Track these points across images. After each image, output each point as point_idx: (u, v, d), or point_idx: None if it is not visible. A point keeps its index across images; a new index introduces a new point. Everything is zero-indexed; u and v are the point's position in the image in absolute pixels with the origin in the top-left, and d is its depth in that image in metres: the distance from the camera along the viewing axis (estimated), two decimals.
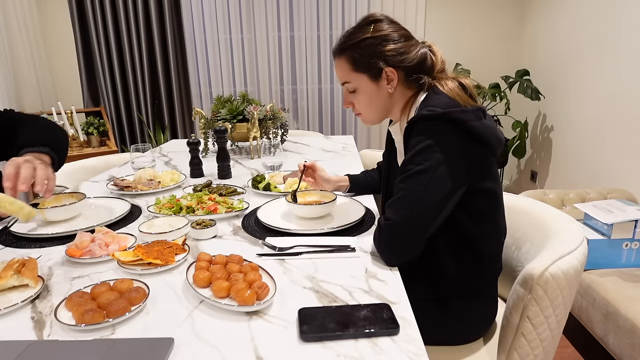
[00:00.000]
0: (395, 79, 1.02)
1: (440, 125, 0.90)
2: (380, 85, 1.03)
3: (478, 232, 0.98)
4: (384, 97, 1.05)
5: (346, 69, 1.05)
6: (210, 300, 0.76)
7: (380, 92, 1.04)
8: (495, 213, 1.02)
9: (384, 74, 1.01)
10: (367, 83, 1.04)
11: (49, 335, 0.70)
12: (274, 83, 3.63)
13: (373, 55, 1.00)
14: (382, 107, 1.07)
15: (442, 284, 1.01)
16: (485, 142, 0.92)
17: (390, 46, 1.00)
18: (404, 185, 0.91)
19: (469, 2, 3.48)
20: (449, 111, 0.89)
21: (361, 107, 1.09)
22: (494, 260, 1.05)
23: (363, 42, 1.01)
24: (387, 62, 1.01)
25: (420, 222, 0.89)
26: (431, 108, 0.92)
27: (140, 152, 1.68)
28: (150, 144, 2.07)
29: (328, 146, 2.29)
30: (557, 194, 2.20)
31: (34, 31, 3.30)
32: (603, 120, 2.54)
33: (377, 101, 1.06)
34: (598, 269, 1.72)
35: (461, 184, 0.91)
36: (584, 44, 2.71)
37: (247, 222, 1.17)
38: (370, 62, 1.01)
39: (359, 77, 1.04)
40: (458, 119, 0.89)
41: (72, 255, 0.94)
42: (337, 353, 0.64)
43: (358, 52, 1.02)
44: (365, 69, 1.02)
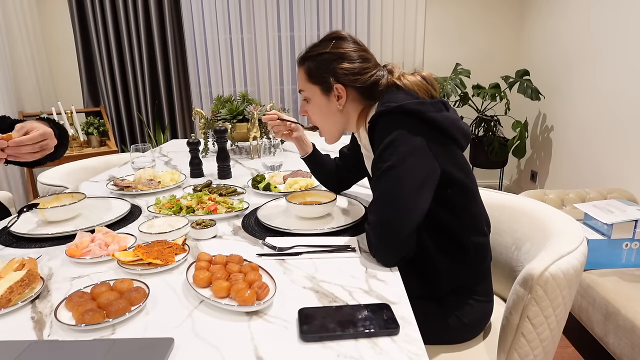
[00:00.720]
0: (344, 97, 1.05)
1: (399, 118, 0.92)
2: (330, 100, 1.07)
3: (458, 226, 0.99)
4: (334, 112, 1.09)
5: (302, 78, 1.09)
6: (210, 300, 0.76)
7: (330, 105, 1.08)
8: (472, 204, 1.02)
9: (335, 90, 1.05)
10: (319, 95, 1.08)
11: (49, 335, 0.70)
12: (274, 83, 3.63)
13: (327, 70, 1.04)
14: (334, 121, 1.11)
15: (433, 281, 1.02)
16: (447, 133, 0.94)
17: (344, 64, 1.03)
18: (377, 185, 0.93)
19: (469, 2, 3.48)
20: (405, 103, 0.92)
21: (314, 118, 1.13)
22: (480, 252, 1.04)
23: (321, 55, 1.05)
24: (338, 79, 1.04)
25: (401, 217, 0.89)
26: (387, 104, 0.95)
27: (140, 152, 1.68)
28: (150, 144, 2.07)
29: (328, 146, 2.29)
30: (557, 194, 2.20)
31: (34, 31, 3.30)
32: (603, 120, 2.54)
33: (327, 114, 1.10)
34: (598, 269, 1.72)
35: (433, 169, 0.92)
36: (584, 44, 2.71)
37: (247, 222, 1.17)
38: (323, 76, 1.05)
39: (312, 88, 1.08)
40: (415, 110, 0.92)
41: (72, 255, 0.94)
42: (337, 353, 0.64)
43: (314, 64, 1.06)
44: (318, 82, 1.06)
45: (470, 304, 1.03)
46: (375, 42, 3.50)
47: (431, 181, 0.92)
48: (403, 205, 0.89)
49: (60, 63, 3.56)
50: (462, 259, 1.01)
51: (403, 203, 0.89)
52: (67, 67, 3.55)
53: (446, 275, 1.01)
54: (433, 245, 0.99)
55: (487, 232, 1.06)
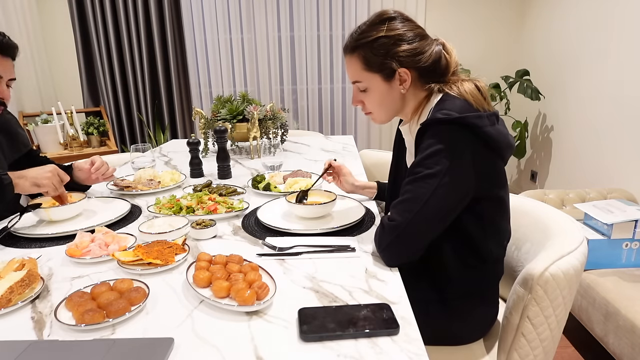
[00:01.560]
0: (408, 80, 0.98)
1: (454, 130, 0.87)
2: (393, 85, 1.00)
3: (482, 236, 0.97)
4: (396, 98, 1.02)
5: (358, 68, 1.01)
6: (210, 300, 0.76)
7: (392, 92, 1.01)
8: (501, 218, 1.01)
9: (397, 74, 0.98)
10: (380, 83, 1.00)
11: (49, 335, 0.70)
12: (274, 83, 3.63)
13: (387, 55, 0.96)
14: (393, 107, 1.04)
15: (445, 285, 1.01)
16: (497, 149, 0.91)
17: (404, 46, 0.96)
18: (410, 187, 0.90)
19: (469, 2, 3.48)
20: (464, 116, 0.87)
21: (372, 107, 1.05)
22: (496, 264, 1.05)
23: (376, 41, 0.97)
24: (401, 62, 0.97)
25: (422, 227, 0.89)
26: (446, 112, 0.89)
27: (140, 152, 1.68)
28: (150, 144, 2.07)
29: (328, 146, 2.29)
30: (557, 194, 2.20)
31: (34, 31, 3.30)
32: (603, 120, 2.53)
33: (388, 101, 1.03)
34: (598, 269, 1.72)
35: (468, 193, 0.90)
36: (584, 44, 2.71)
37: (247, 222, 1.17)
38: (384, 62, 0.97)
39: (371, 76, 1.00)
40: (473, 124, 0.87)
41: (72, 255, 0.94)
42: (337, 353, 0.64)
43: (371, 52, 0.97)
44: (378, 69, 0.98)
45: (475, 309, 1.03)
46: None
47: (464, 201, 0.91)
48: (429, 217, 0.88)
49: (60, 63, 3.56)
50: (477, 267, 1.00)
51: (430, 215, 0.88)
52: (67, 67, 3.55)
53: (456, 281, 1.00)
54: (451, 251, 0.98)
55: (505, 245, 1.06)
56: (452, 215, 0.91)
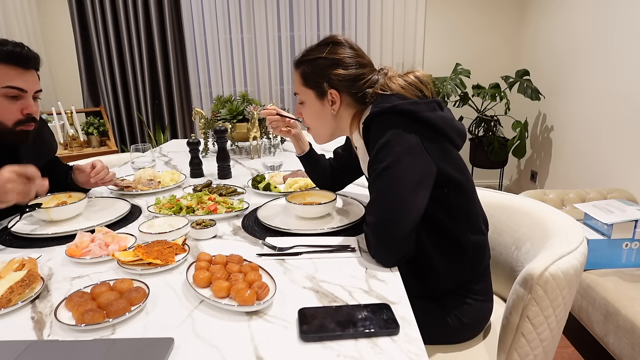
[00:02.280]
0: (337, 102, 1.06)
1: (392, 118, 0.92)
2: (324, 104, 1.08)
3: (455, 224, 0.99)
4: (328, 116, 1.09)
5: (298, 82, 1.10)
6: (210, 300, 0.76)
7: (324, 110, 1.08)
8: (469, 203, 1.02)
9: (328, 95, 1.05)
10: (313, 99, 1.08)
11: (49, 335, 0.70)
12: (274, 83, 3.63)
13: (321, 75, 1.04)
14: (327, 125, 1.11)
15: (431, 280, 1.02)
16: (441, 132, 0.94)
17: (339, 71, 1.03)
18: (374, 186, 0.93)
19: (469, 2, 3.48)
20: (397, 104, 0.93)
21: (308, 121, 1.14)
22: (478, 251, 1.04)
23: (316, 60, 1.05)
24: (332, 84, 1.04)
25: (398, 217, 0.89)
26: (380, 105, 0.95)
27: (140, 152, 1.68)
28: (150, 144, 2.07)
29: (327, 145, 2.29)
30: (557, 194, 2.20)
31: (34, 31, 3.30)
32: (603, 120, 2.53)
33: (322, 119, 1.10)
34: (598, 269, 1.72)
35: (429, 168, 0.91)
36: (584, 44, 2.71)
37: (247, 222, 1.17)
38: (317, 81, 1.05)
39: (307, 92, 1.08)
40: (408, 110, 0.92)
41: (72, 255, 0.94)
42: (337, 353, 0.64)
43: (309, 69, 1.06)
44: (313, 86, 1.07)
45: (469, 304, 1.03)
46: (375, 42, 3.50)
47: (427, 180, 0.91)
48: (400, 206, 0.89)
49: (60, 63, 3.56)
50: (460, 257, 1.01)
51: (400, 203, 0.89)
52: (67, 67, 3.55)
53: (444, 275, 1.01)
54: (431, 245, 0.99)
55: (484, 231, 1.06)
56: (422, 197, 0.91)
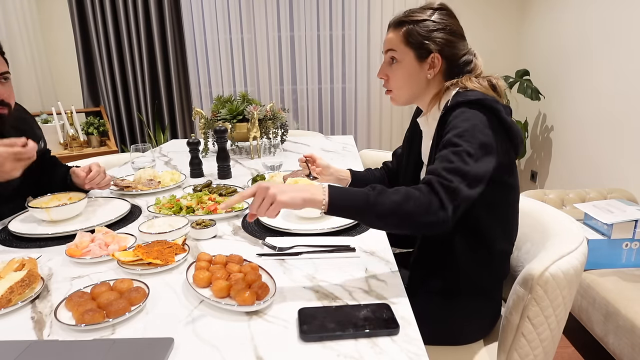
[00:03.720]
0: (437, 67, 1.03)
1: (475, 109, 0.92)
2: (422, 67, 1.04)
3: (493, 228, 0.99)
4: (421, 80, 1.06)
5: (397, 40, 1.05)
6: (210, 300, 0.76)
7: (419, 73, 1.05)
8: (512, 210, 1.03)
9: (430, 58, 1.03)
10: (412, 60, 1.04)
11: (49, 335, 0.70)
12: (274, 83, 3.63)
13: (427, 37, 1.02)
14: (415, 88, 1.07)
15: (455, 280, 1.02)
16: (512, 137, 0.94)
17: (445, 35, 1.02)
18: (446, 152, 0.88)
19: (469, 2, 3.48)
20: (484, 97, 0.92)
21: (396, 82, 1.08)
22: (505, 260, 1.07)
23: (423, 22, 1.02)
24: (437, 48, 1.02)
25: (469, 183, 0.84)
26: (464, 96, 0.94)
27: (140, 152, 1.68)
28: (150, 144, 2.07)
29: (328, 146, 2.29)
30: (557, 194, 2.20)
31: (34, 31, 3.30)
32: (603, 120, 2.53)
33: (413, 81, 1.06)
34: (598, 269, 1.72)
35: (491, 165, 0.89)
36: (584, 44, 2.70)
37: (247, 222, 1.17)
38: (423, 42, 1.02)
39: (406, 51, 1.04)
40: (491, 106, 0.92)
41: (72, 255, 0.94)
42: (337, 353, 0.64)
43: (415, 29, 1.02)
44: (415, 47, 1.03)
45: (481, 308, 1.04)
46: (375, 42, 3.50)
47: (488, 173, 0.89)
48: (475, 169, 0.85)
49: (60, 63, 3.56)
50: (486, 262, 1.01)
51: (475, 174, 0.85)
52: (67, 67, 3.55)
53: (466, 276, 1.01)
54: (461, 241, 0.99)
55: (513, 242, 1.08)
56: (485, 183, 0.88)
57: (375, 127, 3.69)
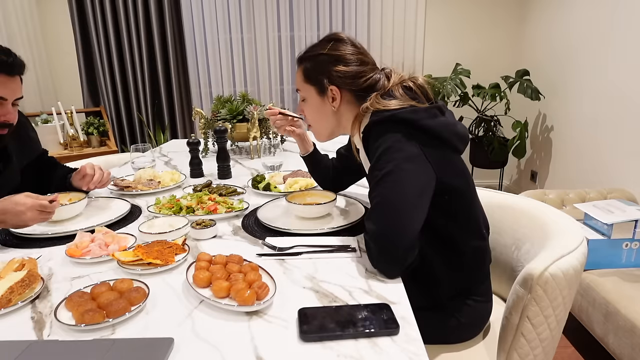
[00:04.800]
0: (338, 99, 1.05)
1: (391, 127, 0.92)
2: (325, 101, 1.07)
3: (456, 231, 0.98)
4: (329, 113, 1.08)
5: (299, 78, 1.10)
6: (210, 300, 0.76)
7: (324, 107, 1.08)
8: (469, 209, 1.01)
9: (329, 91, 1.05)
10: (314, 96, 1.08)
11: (49, 335, 0.70)
12: (274, 83, 3.63)
13: (322, 71, 1.04)
14: (327, 122, 1.11)
15: (435, 288, 1.02)
16: (443, 139, 0.94)
17: (340, 67, 1.03)
18: (374, 194, 0.91)
19: (469, 2, 3.48)
20: (396, 112, 0.93)
21: (310, 118, 1.14)
22: (479, 256, 1.04)
23: (318, 57, 1.05)
24: (332, 81, 1.04)
25: (400, 225, 0.86)
26: (379, 113, 0.95)
27: (140, 152, 1.68)
28: (150, 144, 2.07)
29: (328, 146, 2.29)
30: (557, 194, 2.20)
31: (34, 31, 3.30)
32: (603, 120, 2.53)
33: (322, 116, 1.10)
34: (598, 269, 1.72)
35: (430, 177, 0.90)
36: (584, 44, 2.70)
37: (247, 222, 1.17)
38: (318, 77, 1.05)
39: (308, 88, 1.08)
40: (407, 118, 0.92)
41: (72, 255, 0.95)
42: (337, 353, 0.64)
43: (311, 65, 1.06)
44: (314, 82, 1.07)
45: (469, 305, 1.03)
46: (375, 42, 3.50)
47: (428, 189, 0.90)
48: (402, 213, 0.87)
49: (60, 63, 3.56)
50: (460, 264, 1.01)
51: (402, 210, 0.87)
52: (67, 67, 3.55)
53: (446, 283, 1.01)
54: (432, 253, 0.98)
55: (485, 235, 1.06)
56: (424, 204, 0.90)
57: None
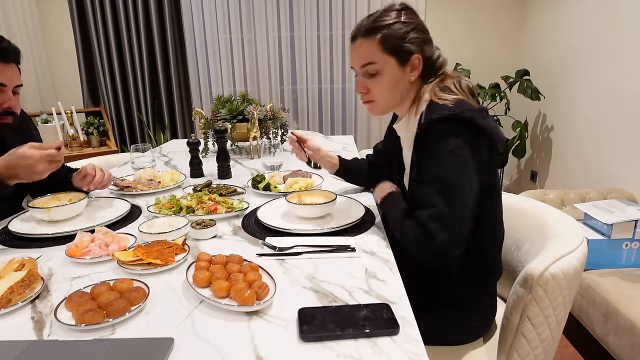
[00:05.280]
0: (419, 67, 1.01)
1: (452, 125, 0.92)
2: (405, 71, 1.02)
3: (480, 232, 0.98)
4: (404, 85, 1.03)
5: (374, 50, 1.00)
6: (210, 300, 0.76)
7: (402, 78, 1.02)
8: (497, 212, 1.03)
9: (411, 60, 1.00)
10: (393, 66, 1.01)
11: (49, 335, 0.70)
12: (274, 83, 3.63)
13: (404, 39, 0.99)
14: (399, 94, 1.05)
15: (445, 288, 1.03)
16: (490, 139, 0.95)
17: (420, 35, 1.01)
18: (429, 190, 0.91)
19: (469, 2, 3.48)
20: (459, 112, 0.92)
21: (379, 92, 1.04)
22: (493, 263, 1.07)
23: (394, 25, 0.99)
24: (418, 49, 1.00)
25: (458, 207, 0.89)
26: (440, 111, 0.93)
27: (140, 152, 1.68)
28: (150, 144, 2.07)
29: (328, 146, 2.29)
30: (557, 194, 2.20)
31: (34, 31, 3.30)
32: (603, 120, 2.53)
33: (397, 87, 1.03)
34: (598, 269, 1.72)
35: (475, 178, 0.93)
36: (584, 44, 2.70)
37: (247, 222, 1.17)
38: (401, 45, 0.99)
39: (386, 59, 1.00)
40: (468, 118, 0.91)
41: (72, 255, 0.94)
42: (337, 353, 0.64)
43: (390, 34, 0.99)
44: (394, 52, 1.00)
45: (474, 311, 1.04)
46: None
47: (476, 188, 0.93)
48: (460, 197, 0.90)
49: (60, 63, 3.56)
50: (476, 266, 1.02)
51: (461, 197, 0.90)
52: (67, 67, 3.55)
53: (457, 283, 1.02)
54: None
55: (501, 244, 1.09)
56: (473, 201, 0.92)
57: (375, 127, 3.69)
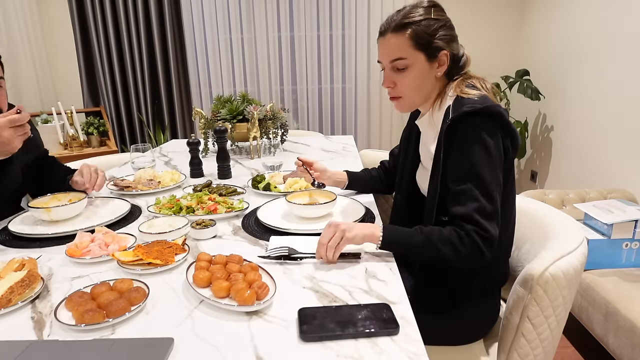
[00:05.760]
0: (446, 64, 1.02)
1: (481, 120, 0.93)
2: (432, 66, 1.03)
3: None
4: (431, 80, 1.04)
5: (404, 45, 1.01)
6: (210, 300, 0.76)
7: (430, 73, 1.03)
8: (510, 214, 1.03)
9: (439, 56, 1.01)
10: (422, 62, 1.02)
11: (49, 335, 0.70)
12: (274, 83, 3.63)
13: (434, 35, 1.00)
14: (426, 90, 1.05)
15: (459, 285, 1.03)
16: (513, 139, 0.96)
17: (448, 32, 1.02)
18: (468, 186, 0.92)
19: (469, 2, 3.48)
20: (489, 105, 0.92)
21: (407, 88, 1.05)
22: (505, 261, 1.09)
23: (424, 21, 1.00)
24: (446, 45, 1.01)
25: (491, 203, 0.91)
26: (471, 105, 0.93)
27: (140, 152, 1.68)
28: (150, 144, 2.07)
29: (328, 146, 2.29)
30: (557, 194, 2.19)
31: (34, 31, 3.30)
32: (603, 120, 2.53)
33: (423, 83, 1.04)
34: (598, 269, 1.72)
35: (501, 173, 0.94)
36: (584, 44, 2.70)
37: (247, 222, 1.17)
38: (431, 41, 1.00)
39: (416, 55, 1.01)
40: (497, 112, 0.92)
41: (72, 255, 0.94)
42: (337, 353, 0.64)
43: (421, 29, 0.99)
44: (424, 48, 1.00)
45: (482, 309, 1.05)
46: (375, 42, 3.49)
47: None
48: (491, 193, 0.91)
49: (60, 63, 3.56)
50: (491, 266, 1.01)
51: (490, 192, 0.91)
52: (67, 67, 3.55)
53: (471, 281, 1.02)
54: None
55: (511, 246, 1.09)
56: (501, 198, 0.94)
57: (375, 127, 3.69)
